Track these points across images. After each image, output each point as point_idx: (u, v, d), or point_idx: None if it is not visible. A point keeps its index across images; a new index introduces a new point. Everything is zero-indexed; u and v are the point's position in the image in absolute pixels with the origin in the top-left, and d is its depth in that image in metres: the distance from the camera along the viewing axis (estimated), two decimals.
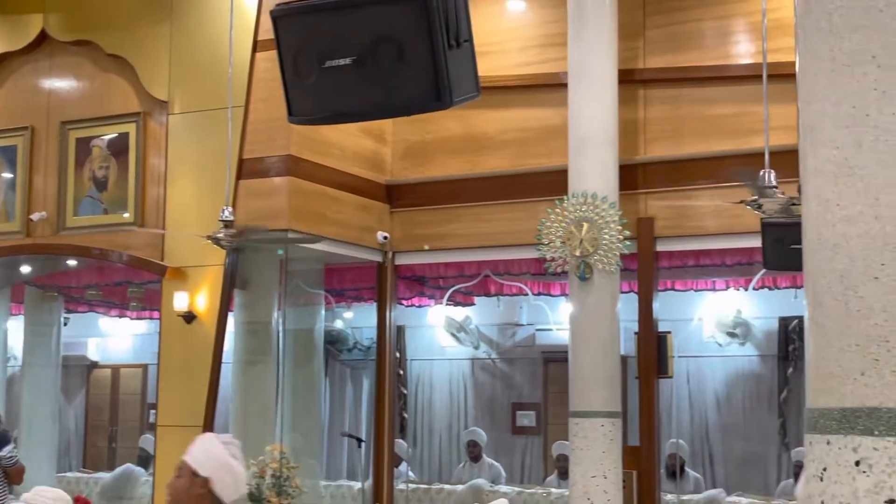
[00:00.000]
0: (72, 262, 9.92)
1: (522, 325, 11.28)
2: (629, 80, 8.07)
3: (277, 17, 3.04)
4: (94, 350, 13.38)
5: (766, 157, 5.77)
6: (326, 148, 8.51)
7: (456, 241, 8.94)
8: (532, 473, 11.08)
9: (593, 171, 7.53)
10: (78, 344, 12.95)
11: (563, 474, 9.33)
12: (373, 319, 9.43)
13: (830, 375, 2.06)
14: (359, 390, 12.02)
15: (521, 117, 8.71)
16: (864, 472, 1.98)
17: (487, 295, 10.38)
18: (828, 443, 2.03)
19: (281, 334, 8.74)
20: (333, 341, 11.49)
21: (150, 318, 12.06)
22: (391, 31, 2.87)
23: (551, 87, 8.42)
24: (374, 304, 9.39)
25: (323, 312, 9.56)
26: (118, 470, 10.70)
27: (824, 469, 2.04)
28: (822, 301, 2.10)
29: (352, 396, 12.08)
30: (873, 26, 2.05)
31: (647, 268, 8.08)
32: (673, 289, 9.26)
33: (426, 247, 8.73)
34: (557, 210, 7.61)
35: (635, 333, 8.14)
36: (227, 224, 7.14)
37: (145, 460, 10.27)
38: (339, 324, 11.45)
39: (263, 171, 8.27)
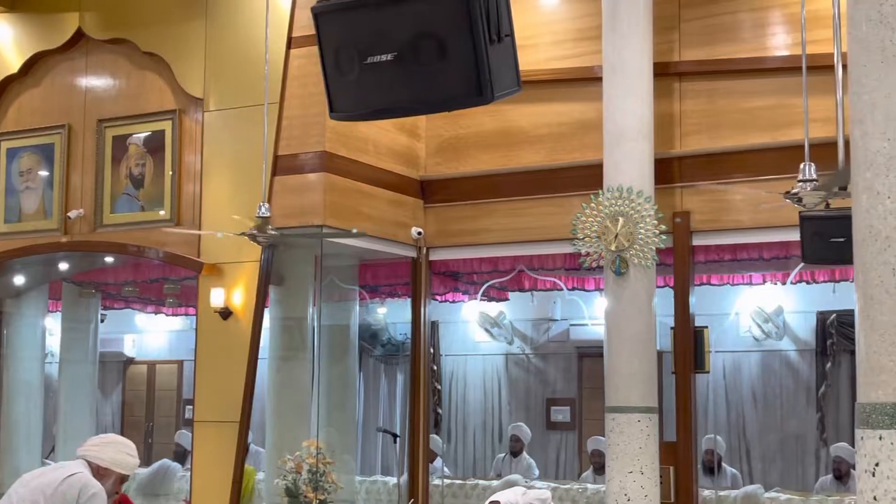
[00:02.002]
0: (109, 259, 9.99)
1: (556, 320, 11.26)
2: (664, 73, 8.03)
3: (319, 13, 3.04)
4: (130, 346, 13.48)
5: (806, 149, 5.72)
6: (361, 144, 8.52)
7: (490, 237, 8.93)
8: (567, 469, 11.07)
9: (629, 165, 7.50)
10: (114, 340, 13.05)
11: (599, 470, 9.31)
12: (406, 315, 9.43)
13: (882, 370, 2.04)
14: (392, 385, 12.04)
15: (555, 111, 8.68)
16: None
17: (521, 290, 10.35)
18: (880, 438, 2.01)
19: (316, 330, 8.76)
20: (367, 337, 11.51)
21: (186, 315, 12.15)
22: (432, 26, 2.87)
23: (586, 80, 8.39)
24: (408, 300, 9.39)
25: (357, 308, 9.59)
26: (155, 465, 10.77)
27: (876, 464, 2.02)
28: (873, 295, 2.08)
29: (385, 392, 12.10)
30: None
31: (683, 262, 8.04)
32: (709, 283, 9.21)
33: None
34: (592, 205, 7.59)
35: (671, 328, 8.10)
36: (264, 220, 7.18)
37: (182, 455, 10.34)
38: (372, 319, 11.48)
39: (298, 167, 8.29)
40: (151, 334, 13.40)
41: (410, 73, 2.92)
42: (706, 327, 8.16)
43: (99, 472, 4.67)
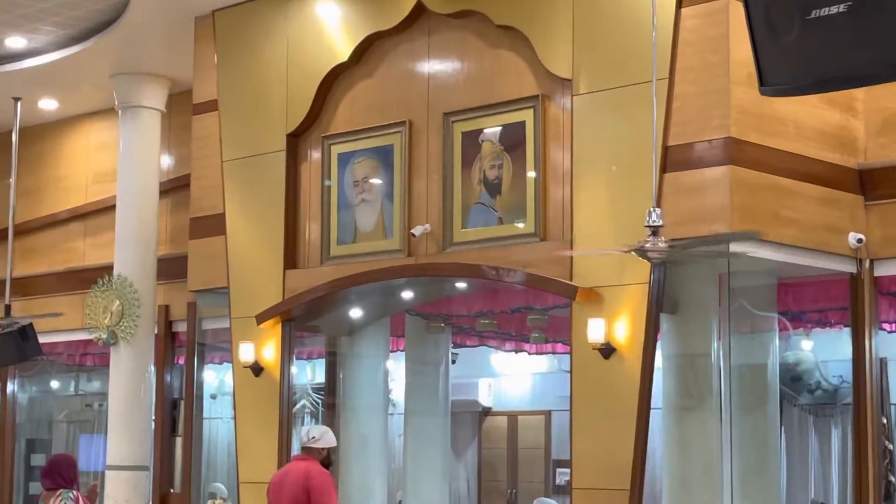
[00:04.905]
0: (460, 285, 10.37)
1: None
2: None
3: None
4: (486, 393, 13.90)
5: None
6: (778, 126, 8.37)
7: None
8: None
9: None
10: (467, 386, 13.51)
11: None
12: (844, 350, 9.19)
13: None
14: (825, 444, 11.71)
15: None
16: None
17: None
18: None
19: (723, 371, 8.68)
20: (790, 379, 11.27)
21: (554, 353, 12.41)
22: None
23: None
24: (846, 330, 9.14)
25: (776, 341, 9.41)
26: None
27: None
28: None
29: (816, 452, 11.78)
30: None
31: None
32: None
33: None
34: None
35: None
36: (655, 230, 7.21)
37: None
38: (796, 356, 11.22)
39: (695, 160, 8.26)
40: (512, 378, 13.76)
41: (872, 26, 2.84)
42: None
43: None
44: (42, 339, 11.27)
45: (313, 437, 8.30)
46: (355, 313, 11.09)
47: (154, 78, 12.30)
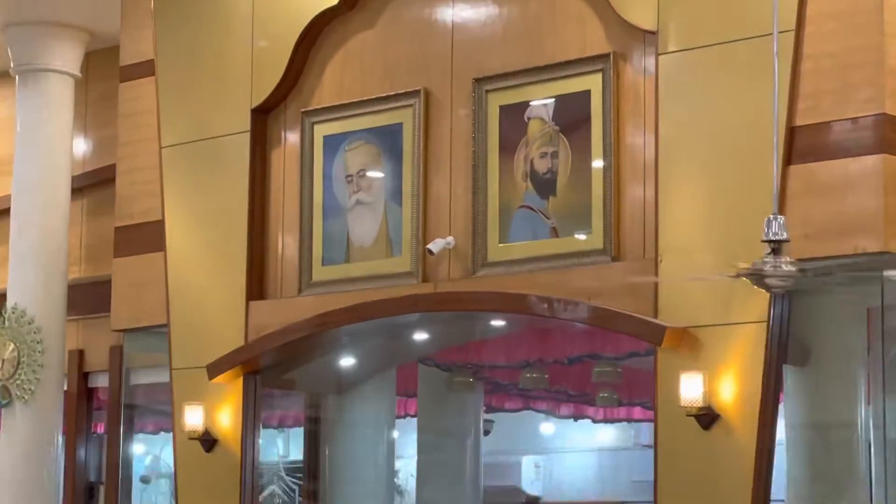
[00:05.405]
0: (497, 324, 10.39)
1: None
2: None
3: None
4: (532, 476, 13.88)
5: None
6: None
7: None
8: None
9: None
10: (506, 466, 13.49)
11: None
12: None
13: None
14: None
15: None
16: None
17: None
18: None
19: (874, 446, 8.66)
20: None
21: (630, 421, 12.39)
22: None
23: None
24: None
25: None
26: None
27: None
28: None
29: None
30: None
31: None
32: None
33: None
34: None
35: None
36: (776, 247, 7.20)
37: None
38: None
39: (833, 147, 8.28)
40: (570, 456, 13.75)
41: None
42: None
43: None
44: None
45: None
46: (347, 363, 11.09)
47: (65, 30, 12.32)
